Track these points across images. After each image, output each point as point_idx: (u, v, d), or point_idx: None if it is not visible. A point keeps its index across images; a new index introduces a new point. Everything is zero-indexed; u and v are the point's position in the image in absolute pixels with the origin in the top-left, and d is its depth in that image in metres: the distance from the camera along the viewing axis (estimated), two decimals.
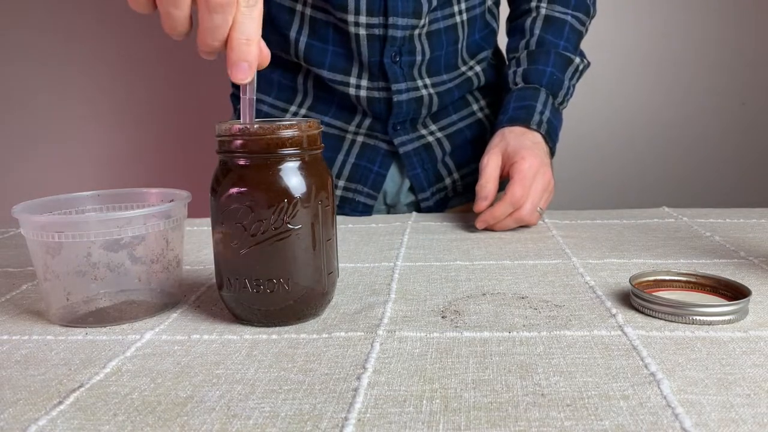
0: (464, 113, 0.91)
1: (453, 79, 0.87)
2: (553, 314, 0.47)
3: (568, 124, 0.77)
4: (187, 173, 1.64)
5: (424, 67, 0.84)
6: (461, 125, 0.91)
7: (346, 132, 0.88)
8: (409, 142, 0.88)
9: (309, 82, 0.87)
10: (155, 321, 0.48)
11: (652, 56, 1.61)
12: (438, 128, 0.89)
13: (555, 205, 0.89)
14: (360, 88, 0.83)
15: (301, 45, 0.82)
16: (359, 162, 0.88)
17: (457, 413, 0.34)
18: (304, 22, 0.82)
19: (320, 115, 0.88)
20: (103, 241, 0.46)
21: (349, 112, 0.87)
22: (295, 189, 0.44)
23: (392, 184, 0.90)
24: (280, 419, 0.33)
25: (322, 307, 0.48)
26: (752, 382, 0.36)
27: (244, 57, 0.44)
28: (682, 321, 0.45)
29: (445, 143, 0.90)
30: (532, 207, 0.73)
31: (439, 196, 0.91)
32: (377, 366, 0.39)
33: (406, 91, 0.83)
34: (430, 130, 0.89)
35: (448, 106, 0.89)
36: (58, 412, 0.35)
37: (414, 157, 0.88)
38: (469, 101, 0.92)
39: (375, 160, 0.88)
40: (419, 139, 0.88)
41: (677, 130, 1.64)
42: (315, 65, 0.83)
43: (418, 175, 0.89)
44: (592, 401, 0.34)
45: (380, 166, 0.88)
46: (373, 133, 0.87)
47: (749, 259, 0.60)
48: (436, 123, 0.89)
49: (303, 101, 0.88)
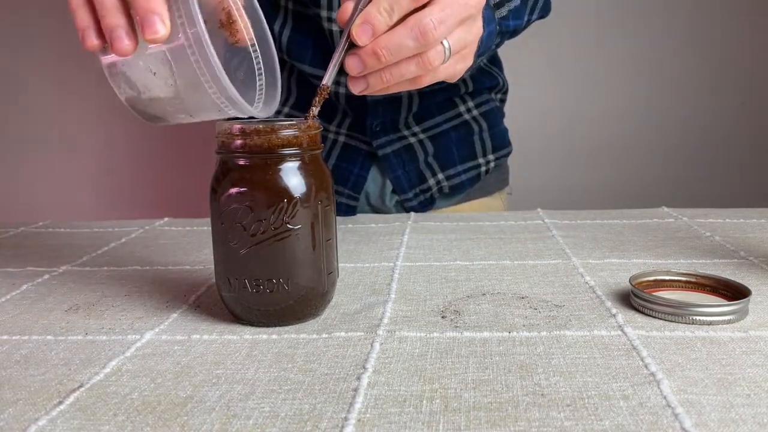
0: (450, 115, 0.90)
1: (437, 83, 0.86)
2: (553, 314, 0.47)
3: (569, 124, 0.76)
4: (186, 173, 1.64)
5: None
6: (446, 126, 0.90)
7: (328, 132, 0.88)
8: (388, 144, 0.87)
9: (293, 79, 0.87)
10: (155, 321, 0.48)
11: (651, 56, 1.61)
12: (421, 129, 0.88)
13: (555, 205, 0.89)
14: (339, 84, 0.82)
15: (284, 39, 0.82)
16: (340, 163, 0.88)
17: (457, 413, 0.33)
18: (288, 16, 0.82)
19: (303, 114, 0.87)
20: None
21: (330, 112, 0.87)
22: (295, 189, 0.44)
23: (374, 185, 0.90)
24: (280, 419, 0.33)
25: (322, 307, 0.48)
26: (752, 382, 0.36)
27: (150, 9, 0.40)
28: (682, 321, 0.45)
29: (427, 144, 0.89)
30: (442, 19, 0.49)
31: (423, 197, 0.91)
32: (377, 366, 0.39)
33: None
34: (412, 131, 0.88)
35: (431, 106, 0.88)
36: (58, 412, 0.35)
37: (394, 158, 0.88)
38: (456, 103, 0.90)
39: (356, 161, 0.88)
40: (400, 140, 0.87)
41: (676, 130, 1.64)
42: (296, 59, 0.82)
43: (398, 177, 0.88)
44: (592, 401, 0.34)
45: (361, 168, 0.88)
46: (354, 134, 0.87)
47: (749, 259, 0.60)
48: (419, 124, 0.88)
49: (287, 99, 0.88)
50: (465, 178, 0.91)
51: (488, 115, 0.93)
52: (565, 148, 1.65)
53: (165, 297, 0.54)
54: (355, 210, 0.89)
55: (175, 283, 0.58)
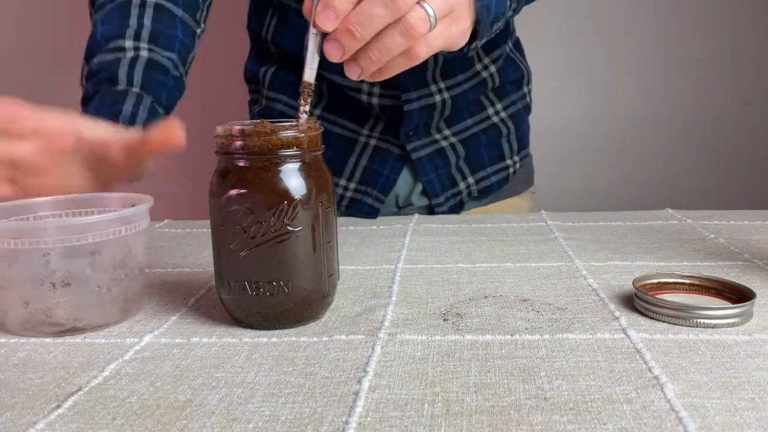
0: (479, 117, 0.90)
1: (468, 80, 0.86)
2: (555, 317, 0.47)
3: (570, 125, 0.75)
4: (186, 174, 1.64)
5: (438, 71, 0.83)
6: (476, 129, 0.90)
7: (359, 135, 0.88)
8: (422, 147, 0.87)
9: (323, 84, 0.87)
10: (154, 324, 0.48)
11: (655, 57, 1.60)
12: (452, 133, 0.89)
13: (557, 206, 0.89)
14: (372, 95, 0.83)
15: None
16: (370, 165, 0.88)
17: (459, 417, 0.33)
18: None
19: (335, 117, 0.87)
20: (62, 248, 0.45)
21: (363, 116, 0.87)
22: (295, 190, 0.44)
23: (404, 187, 0.90)
24: (280, 423, 0.33)
25: (322, 309, 0.48)
26: (757, 386, 0.36)
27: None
28: (686, 324, 0.44)
29: (459, 148, 0.89)
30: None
31: (454, 201, 0.91)
32: (378, 369, 0.39)
33: (417, 99, 0.83)
34: (443, 134, 0.88)
35: (462, 109, 0.89)
36: (56, 416, 0.34)
37: (427, 162, 0.88)
38: (484, 105, 0.91)
39: (386, 163, 0.88)
40: (432, 144, 0.88)
41: (680, 131, 1.63)
42: (328, 70, 0.82)
43: (431, 181, 0.89)
44: (595, 405, 0.34)
45: (391, 170, 0.88)
46: (386, 137, 0.87)
47: (754, 262, 0.60)
48: (450, 128, 0.89)
49: (318, 102, 0.88)
50: (495, 180, 0.91)
51: (515, 116, 0.94)
52: (566, 149, 1.64)
53: (164, 299, 0.54)
54: (377, 212, 0.89)
55: (175, 285, 0.57)
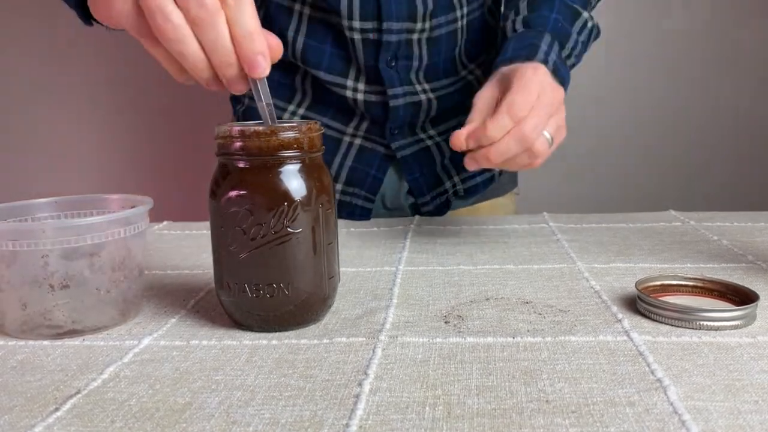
0: (465, 118, 0.90)
1: (453, 84, 0.86)
2: (557, 319, 0.47)
3: (572, 125, 0.74)
4: (185, 175, 1.64)
5: (422, 73, 0.83)
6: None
7: (344, 134, 0.87)
8: (407, 146, 0.87)
9: (307, 82, 0.86)
10: (153, 326, 0.48)
11: (657, 58, 1.60)
12: (437, 133, 0.88)
13: (559, 208, 0.89)
14: (357, 91, 0.82)
15: (299, 45, 0.82)
16: (357, 165, 0.87)
17: (460, 420, 0.33)
18: (302, 22, 0.81)
19: (318, 116, 0.87)
20: (61, 249, 0.44)
21: (347, 114, 0.87)
22: (296, 192, 0.43)
23: (391, 187, 0.89)
24: (280, 426, 0.33)
25: (322, 312, 0.48)
26: (760, 389, 0.36)
27: (253, 50, 0.44)
28: (689, 326, 0.44)
29: (444, 147, 0.89)
30: (537, 123, 0.60)
31: (440, 200, 0.91)
32: (379, 372, 0.39)
33: (402, 96, 0.82)
34: (428, 134, 0.88)
35: (448, 110, 0.88)
36: (54, 419, 0.34)
37: (412, 161, 0.87)
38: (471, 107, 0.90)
39: (372, 163, 0.87)
40: (417, 143, 0.87)
41: (683, 132, 1.63)
42: (312, 66, 0.82)
43: (416, 180, 0.88)
44: (598, 408, 0.34)
45: (377, 170, 0.87)
46: (371, 136, 0.87)
47: (757, 264, 0.59)
48: (435, 127, 0.88)
49: (302, 101, 0.87)
50: (480, 180, 0.91)
51: None
52: (569, 150, 1.64)
53: (163, 301, 0.53)
54: (370, 213, 0.88)
55: (174, 287, 0.57)
